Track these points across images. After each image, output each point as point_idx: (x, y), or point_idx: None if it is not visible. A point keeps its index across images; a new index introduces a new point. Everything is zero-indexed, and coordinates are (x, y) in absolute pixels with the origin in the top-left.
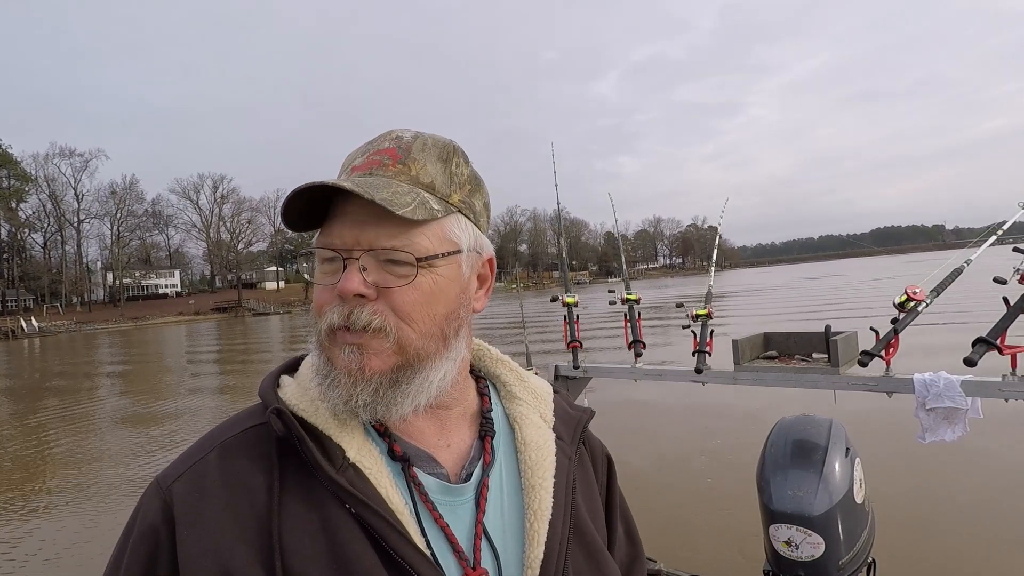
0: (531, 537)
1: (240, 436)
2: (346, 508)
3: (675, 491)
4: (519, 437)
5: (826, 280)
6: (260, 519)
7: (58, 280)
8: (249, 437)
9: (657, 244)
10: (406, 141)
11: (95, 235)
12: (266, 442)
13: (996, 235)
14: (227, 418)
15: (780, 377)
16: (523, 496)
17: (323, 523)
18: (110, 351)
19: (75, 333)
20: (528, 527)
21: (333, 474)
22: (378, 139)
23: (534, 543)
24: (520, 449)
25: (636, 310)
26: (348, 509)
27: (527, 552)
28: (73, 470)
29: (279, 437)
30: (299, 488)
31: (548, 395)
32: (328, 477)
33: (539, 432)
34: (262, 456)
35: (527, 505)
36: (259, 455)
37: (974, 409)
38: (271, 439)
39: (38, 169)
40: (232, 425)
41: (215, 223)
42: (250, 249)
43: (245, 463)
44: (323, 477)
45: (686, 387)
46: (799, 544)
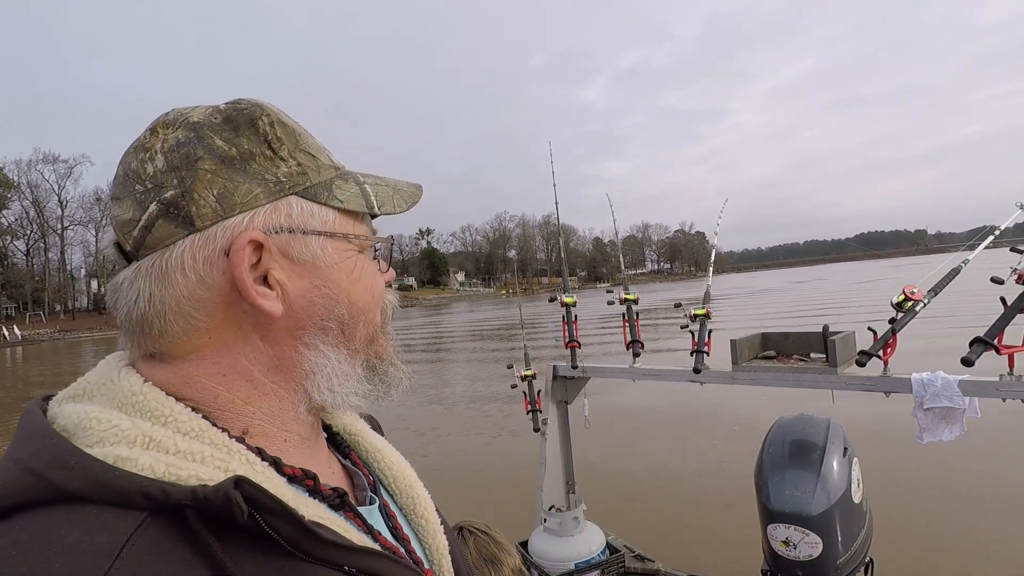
0: (430, 532)
1: (125, 563)
2: (344, 570)
3: (673, 491)
4: (366, 446)
5: (815, 283)
6: None
7: (41, 288)
8: (145, 555)
9: (645, 249)
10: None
11: (79, 242)
12: (176, 546)
13: (993, 236)
14: (35, 546)
15: (778, 377)
16: (398, 498)
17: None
18: (97, 360)
19: (59, 341)
20: (424, 524)
21: (329, 537)
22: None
23: (436, 535)
24: (375, 458)
25: (634, 310)
26: (346, 570)
27: (431, 545)
28: None
29: (213, 523)
30: (273, 572)
31: None
32: (322, 543)
33: (377, 436)
34: (190, 567)
35: (410, 505)
36: (184, 568)
37: (971, 409)
38: (180, 539)
39: (20, 175)
40: (76, 559)
41: None
42: None
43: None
44: (309, 547)
45: (684, 387)
46: (797, 544)
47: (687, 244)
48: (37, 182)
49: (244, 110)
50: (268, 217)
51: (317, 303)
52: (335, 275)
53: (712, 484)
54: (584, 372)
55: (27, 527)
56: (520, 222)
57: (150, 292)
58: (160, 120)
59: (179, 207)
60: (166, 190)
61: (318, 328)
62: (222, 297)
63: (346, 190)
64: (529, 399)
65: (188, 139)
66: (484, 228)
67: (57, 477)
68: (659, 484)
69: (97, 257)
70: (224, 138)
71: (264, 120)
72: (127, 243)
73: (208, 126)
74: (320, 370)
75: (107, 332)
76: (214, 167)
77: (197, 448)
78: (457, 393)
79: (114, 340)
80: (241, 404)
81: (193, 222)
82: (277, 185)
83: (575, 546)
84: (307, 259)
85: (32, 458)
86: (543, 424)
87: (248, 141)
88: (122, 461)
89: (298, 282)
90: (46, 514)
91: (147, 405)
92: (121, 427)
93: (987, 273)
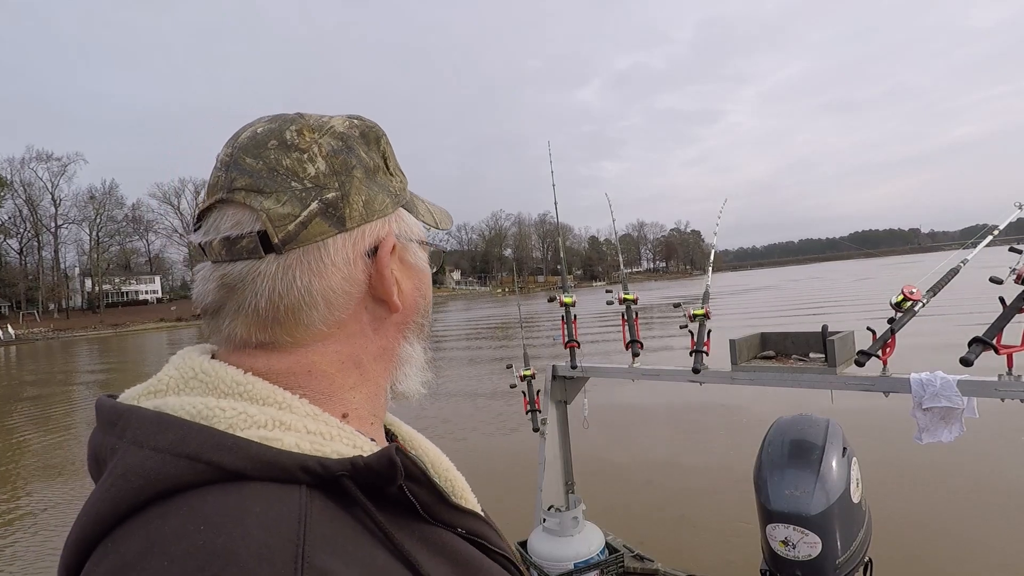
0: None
1: (313, 524)
2: (457, 532)
3: (672, 491)
4: (402, 434)
5: (809, 282)
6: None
7: (35, 287)
8: (322, 517)
9: (641, 248)
10: None
11: (73, 240)
12: (343, 511)
13: (992, 235)
14: (203, 533)
15: (777, 377)
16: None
17: (449, 558)
18: (92, 359)
19: (53, 341)
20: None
21: (455, 503)
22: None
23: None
24: (412, 445)
25: (633, 310)
26: (458, 532)
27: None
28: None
29: (368, 487)
30: (411, 540)
31: None
32: (449, 508)
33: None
34: (359, 526)
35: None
36: (357, 527)
37: (970, 409)
38: (341, 504)
39: (14, 173)
40: (269, 522)
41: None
42: None
43: (356, 547)
44: (437, 511)
45: (683, 387)
46: (796, 543)
47: (683, 243)
48: (30, 180)
49: (372, 128)
50: (396, 225)
51: (418, 302)
52: (425, 279)
53: (711, 484)
54: (583, 372)
55: (202, 505)
56: (516, 220)
57: (307, 282)
58: (303, 123)
59: (337, 208)
60: (328, 191)
61: (415, 323)
62: (359, 291)
63: (420, 206)
64: (528, 399)
65: (341, 148)
66: (480, 227)
67: (218, 457)
68: (658, 484)
69: (91, 256)
70: (364, 151)
71: (384, 139)
72: (277, 235)
73: (352, 138)
74: (409, 360)
75: (101, 331)
76: (362, 176)
77: (324, 428)
78: (454, 392)
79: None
80: (348, 389)
81: (344, 223)
82: (395, 197)
83: (574, 546)
84: (412, 263)
85: (179, 444)
86: (542, 424)
87: (376, 156)
88: (268, 441)
89: (408, 283)
90: (216, 491)
91: (255, 393)
92: (249, 413)
93: (985, 272)
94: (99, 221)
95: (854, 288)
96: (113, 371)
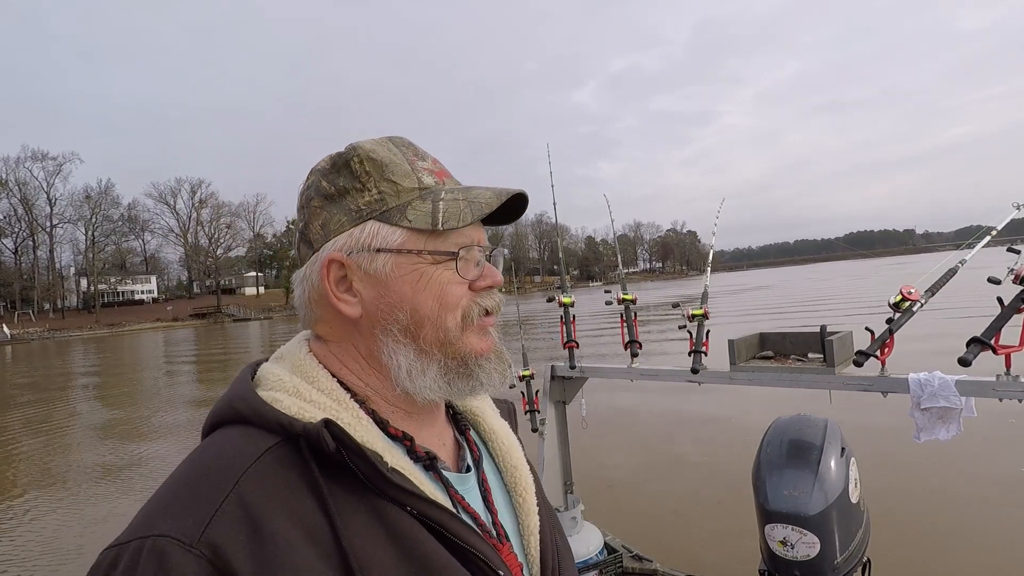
0: (525, 510)
1: (260, 464)
2: (407, 511)
3: (671, 492)
4: (485, 428)
5: (805, 282)
6: (326, 545)
7: (30, 286)
8: (271, 463)
9: (637, 248)
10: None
11: (68, 240)
12: (294, 464)
13: (990, 235)
14: (206, 450)
15: (776, 377)
16: (504, 476)
17: (389, 531)
18: (87, 358)
19: (48, 340)
20: (521, 502)
21: (396, 479)
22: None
23: (529, 514)
24: (490, 438)
25: (632, 310)
26: (409, 511)
27: (524, 522)
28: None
29: (317, 453)
30: (353, 503)
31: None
32: (389, 483)
33: (498, 420)
34: (299, 478)
35: (512, 483)
36: (295, 478)
37: (968, 408)
38: (297, 459)
39: (9, 173)
40: (235, 455)
41: (193, 228)
42: (229, 254)
43: (284, 491)
44: (381, 485)
45: (682, 387)
46: (794, 544)
47: (679, 243)
48: (26, 179)
49: (344, 154)
50: (347, 240)
51: (382, 309)
52: (398, 286)
53: (710, 484)
54: (582, 372)
55: (219, 435)
56: None
57: (300, 291)
58: (310, 171)
59: (304, 235)
60: (300, 222)
61: (383, 329)
62: (327, 300)
63: (420, 209)
64: (527, 399)
65: (310, 184)
66: None
67: (239, 406)
68: (657, 484)
69: (87, 255)
70: (328, 180)
71: (355, 160)
72: (299, 259)
73: (321, 172)
74: (395, 363)
75: (97, 331)
76: (320, 203)
77: (323, 400)
78: None
79: (104, 338)
80: (356, 379)
81: (312, 245)
82: (358, 213)
83: (573, 546)
84: (372, 273)
85: (232, 393)
86: (541, 424)
87: (344, 179)
88: (275, 401)
89: (369, 291)
90: (231, 428)
91: (304, 368)
92: (283, 380)
93: (982, 273)
94: (95, 221)
95: (850, 287)
96: (110, 372)
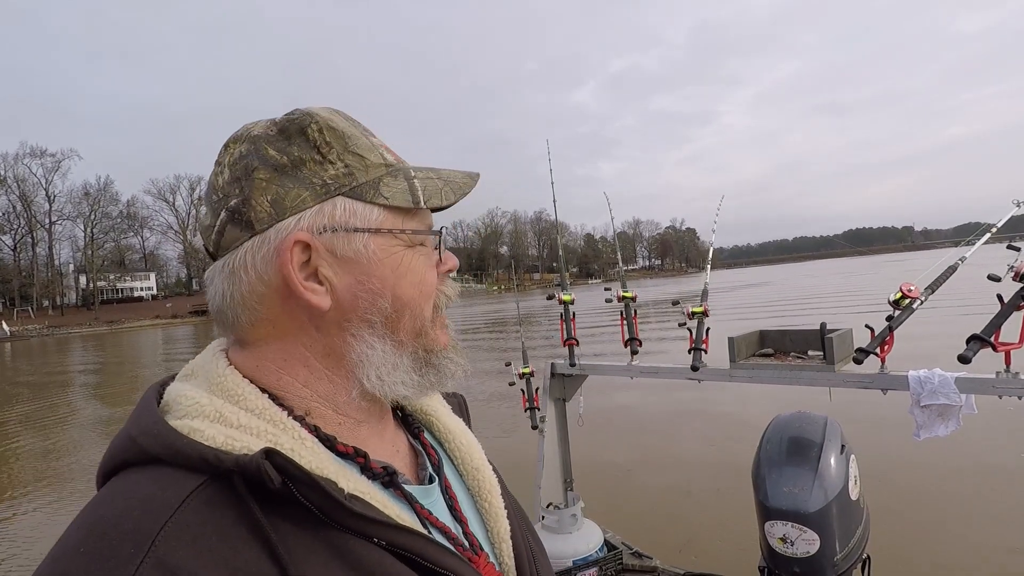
0: (493, 515)
1: (183, 514)
2: (373, 542)
3: (671, 488)
4: (440, 428)
5: (803, 279)
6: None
7: (29, 283)
8: (197, 509)
9: (636, 246)
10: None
11: (67, 237)
12: (227, 507)
13: (990, 232)
14: (104, 504)
15: (776, 374)
16: (467, 479)
17: (354, 569)
18: (87, 356)
19: (48, 337)
20: (488, 507)
21: (358, 508)
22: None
23: (498, 518)
24: (447, 439)
25: (632, 307)
26: (376, 542)
27: (494, 528)
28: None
29: (256, 488)
30: (306, 543)
31: None
32: (349, 513)
33: (453, 418)
34: (235, 524)
35: (476, 487)
36: (230, 525)
37: (968, 405)
38: (230, 499)
39: (7, 170)
40: (148, 505)
41: (192, 225)
42: None
43: (219, 544)
44: (339, 516)
45: (682, 384)
46: (794, 541)
47: (678, 240)
48: (24, 176)
49: (295, 120)
50: (314, 218)
51: (361, 297)
52: (379, 270)
53: (710, 481)
54: (582, 370)
55: (120, 481)
56: (512, 218)
57: (223, 288)
58: (232, 136)
59: (241, 213)
60: (231, 199)
61: (363, 321)
62: (279, 292)
63: (393, 187)
64: (527, 396)
65: (248, 152)
66: (476, 224)
67: (144, 442)
68: (657, 481)
69: (85, 252)
70: (277, 148)
71: (313, 127)
72: (209, 245)
73: (264, 138)
74: (367, 360)
75: (96, 328)
76: (268, 175)
77: (255, 424)
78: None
79: (103, 335)
80: (300, 387)
81: (253, 226)
82: (323, 187)
83: (573, 543)
84: (351, 256)
85: (133, 427)
86: (541, 421)
87: (299, 148)
88: (194, 432)
89: (344, 278)
90: (135, 472)
91: (226, 385)
92: (200, 403)
93: (982, 270)
94: (94, 217)
95: (846, 284)
96: (114, 370)
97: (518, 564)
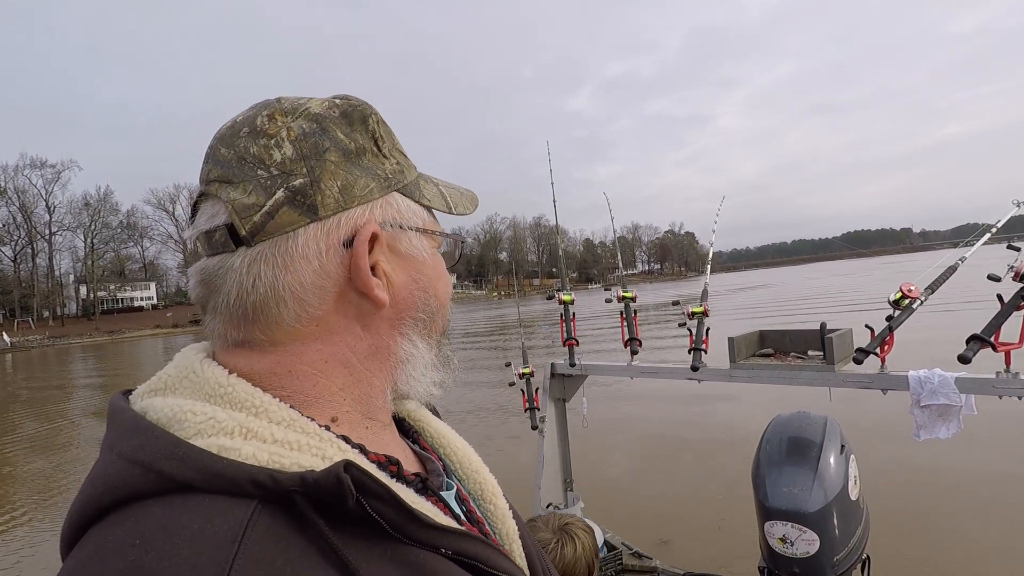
0: (499, 515)
1: (248, 546)
2: (441, 552)
3: (671, 489)
4: (432, 432)
5: (802, 281)
6: None
7: (29, 294)
8: (261, 539)
9: (636, 250)
10: None
11: (68, 247)
12: (293, 532)
13: (990, 233)
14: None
15: (775, 374)
16: (467, 483)
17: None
18: (88, 366)
19: (48, 348)
20: (493, 508)
21: (429, 520)
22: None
23: (505, 519)
24: (440, 443)
25: (632, 308)
26: (442, 552)
27: (501, 528)
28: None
29: (323, 508)
30: (379, 561)
31: None
32: (422, 526)
33: (440, 422)
34: (304, 551)
35: (478, 490)
36: (299, 553)
37: (968, 406)
38: (292, 524)
39: (8, 181)
40: (200, 543)
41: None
42: None
43: (291, 568)
44: (410, 531)
45: (681, 384)
46: (794, 541)
47: (677, 244)
48: (24, 187)
49: (358, 107)
50: (382, 211)
51: (416, 295)
52: (427, 270)
53: (709, 481)
54: (582, 370)
55: (144, 517)
56: (511, 224)
57: (272, 277)
58: (275, 107)
59: (306, 195)
60: (295, 178)
61: (413, 319)
62: (337, 286)
63: (429, 190)
64: (527, 396)
65: (313, 130)
66: (475, 230)
67: (168, 467)
68: (656, 482)
69: (86, 263)
70: (344, 132)
71: (373, 118)
72: (244, 227)
73: (329, 119)
74: (411, 359)
75: (97, 338)
76: (338, 159)
77: (293, 437)
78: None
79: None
80: (336, 391)
81: (317, 211)
82: (385, 181)
83: None
84: (408, 253)
85: (137, 451)
86: (541, 422)
87: (361, 137)
88: (225, 451)
89: (401, 275)
90: (161, 504)
91: (235, 396)
92: (217, 419)
93: (982, 270)
94: (94, 228)
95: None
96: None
97: (530, 563)
